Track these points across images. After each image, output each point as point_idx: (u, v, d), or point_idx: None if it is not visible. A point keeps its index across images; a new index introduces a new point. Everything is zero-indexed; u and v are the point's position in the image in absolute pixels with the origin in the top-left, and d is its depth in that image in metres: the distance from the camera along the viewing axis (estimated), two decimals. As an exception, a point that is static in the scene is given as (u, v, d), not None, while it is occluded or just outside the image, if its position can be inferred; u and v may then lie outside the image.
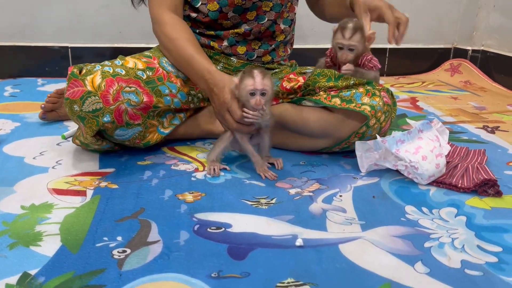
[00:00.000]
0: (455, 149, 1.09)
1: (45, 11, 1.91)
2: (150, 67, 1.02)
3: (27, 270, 0.62)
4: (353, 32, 0.99)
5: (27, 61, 1.94)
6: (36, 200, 0.82)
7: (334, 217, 0.80)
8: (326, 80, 1.01)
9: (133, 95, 0.96)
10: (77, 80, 0.93)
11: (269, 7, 1.13)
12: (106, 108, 0.92)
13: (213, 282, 0.61)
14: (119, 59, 1.02)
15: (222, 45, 1.14)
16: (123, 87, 0.94)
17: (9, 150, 1.07)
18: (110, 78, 0.94)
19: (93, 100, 0.91)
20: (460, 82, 2.04)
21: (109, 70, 0.95)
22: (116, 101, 0.93)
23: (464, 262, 0.67)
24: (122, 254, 0.66)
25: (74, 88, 0.92)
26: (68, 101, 0.92)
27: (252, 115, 0.90)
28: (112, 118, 0.93)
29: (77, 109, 0.91)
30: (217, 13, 1.09)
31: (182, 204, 0.83)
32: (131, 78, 0.96)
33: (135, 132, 1.00)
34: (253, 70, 0.89)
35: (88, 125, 0.93)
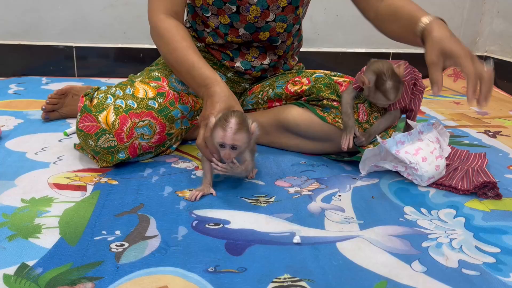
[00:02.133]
0: (456, 152, 1.09)
1: (50, 11, 1.92)
2: (161, 93, 1.00)
3: (25, 261, 0.62)
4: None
5: (32, 59, 1.96)
6: (36, 194, 0.83)
7: (333, 216, 0.80)
8: (330, 92, 1.02)
9: (147, 128, 0.96)
10: (90, 115, 0.92)
11: (283, 28, 1.09)
12: (120, 146, 0.93)
13: (210, 276, 0.61)
14: (129, 85, 1.00)
15: (235, 66, 1.13)
16: (136, 122, 0.94)
17: (12, 146, 1.08)
18: (123, 115, 0.93)
19: (108, 138, 0.92)
20: (463, 88, 2.04)
21: (121, 104, 0.94)
22: (130, 138, 0.94)
23: (462, 262, 0.67)
24: (120, 248, 0.66)
25: (88, 123, 0.92)
26: (82, 134, 0.93)
27: (221, 167, 0.81)
28: (126, 154, 0.95)
29: (92, 144, 0.93)
30: (228, 27, 1.08)
31: (181, 200, 0.83)
32: (143, 111, 0.96)
33: (145, 158, 1.02)
34: (230, 119, 0.79)
35: (103, 159, 0.95)
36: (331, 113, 1.02)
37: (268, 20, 1.07)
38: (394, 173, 0.99)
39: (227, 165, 0.82)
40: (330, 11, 2.05)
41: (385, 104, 0.97)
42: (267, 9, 1.05)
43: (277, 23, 1.08)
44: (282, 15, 1.07)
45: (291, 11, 1.08)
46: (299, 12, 1.10)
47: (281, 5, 1.05)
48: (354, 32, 2.14)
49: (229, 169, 0.82)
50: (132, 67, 1.25)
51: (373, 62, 0.96)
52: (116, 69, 1.98)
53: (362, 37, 2.16)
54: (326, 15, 2.07)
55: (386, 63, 0.95)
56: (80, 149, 1.03)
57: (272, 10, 1.06)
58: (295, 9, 1.08)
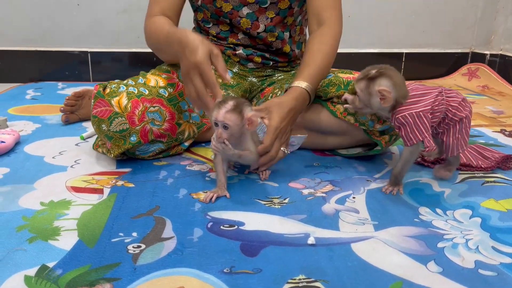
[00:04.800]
0: None
1: (65, 17, 1.96)
2: (171, 83, 1.04)
3: (45, 263, 0.64)
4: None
5: (48, 65, 2.00)
6: (55, 197, 0.84)
7: (347, 217, 0.80)
8: (336, 89, 1.03)
9: (157, 114, 0.99)
10: (104, 100, 0.96)
11: (274, 37, 1.16)
12: (132, 129, 0.96)
13: (225, 277, 0.61)
14: (141, 76, 1.05)
15: (237, 53, 1.18)
16: (148, 107, 0.97)
17: (30, 150, 1.10)
18: (135, 99, 0.97)
19: (120, 121, 0.95)
20: (478, 87, 2.02)
21: (134, 91, 0.99)
22: (141, 121, 0.96)
23: (478, 262, 0.66)
24: (137, 249, 0.67)
25: (102, 108, 0.96)
26: (96, 119, 0.96)
27: (214, 144, 0.84)
28: (138, 138, 0.97)
29: (105, 128, 0.95)
30: (228, 32, 1.16)
31: (196, 202, 0.84)
32: (154, 98, 0.99)
33: (156, 148, 1.02)
34: (228, 101, 0.82)
35: (116, 144, 0.96)
36: (341, 107, 1.03)
37: (259, 31, 1.13)
38: (408, 174, 0.98)
39: (220, 144, 0.83)
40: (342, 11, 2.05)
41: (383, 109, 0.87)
42: (256, 21, 1.12)
43: (267, 33, 1.13)
44: (271, 26, 1.13)
45: (280, 21, 1.13)
46: (287, 21, 1.15)
47: (269, 16, 1.11)
48: (367, 33, 2.13)
49: (221, 149, 0.83)
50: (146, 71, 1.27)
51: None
52: (130, 73, 1.99)
53: (374, 38, 2.15)
54: (338, 16, 2.06)
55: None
56: (98, 148, 1.04)
57: (262, 21, 1.11)
58: (283, 18, 1.13)
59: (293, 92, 0.98)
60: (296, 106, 0.96)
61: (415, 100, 0.86)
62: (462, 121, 0.90)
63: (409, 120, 0.84)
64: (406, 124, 0.84)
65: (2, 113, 1.44)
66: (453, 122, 0.90)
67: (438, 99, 0.87)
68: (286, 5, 1.11)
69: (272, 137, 0.91)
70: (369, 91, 0.85)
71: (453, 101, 0.89)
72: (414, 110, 0.84)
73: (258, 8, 1.10)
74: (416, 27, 2.16)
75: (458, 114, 0.89)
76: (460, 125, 0.90)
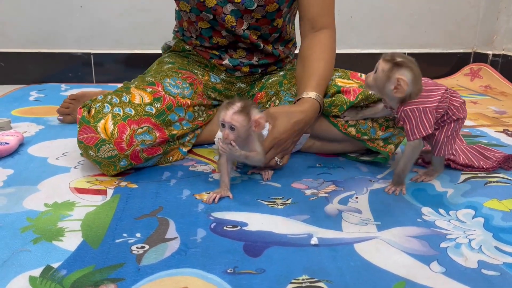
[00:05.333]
0: None
1: (68, 19, 1.97)
2: (157, 98, 0.99)
3: (50, 264, 0.64)
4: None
5: (51, 67, 2.01)
6: (59, 198, 0.85)
7: (350, 217, 0.80)
8: (338, 109, 1.02)
9: (146, 134, 0.95)
10: (89, 126, 0.92)
11: (257, 35, 1.11)
12: (121, 154, 0.92)
13: (229, 277, 0.62)
14: (125, 93, 0.99)
15: (223, 63, 1.15)
16: (135, 130, 0.93)
17: (34, 151, 1.11)
18: (122, 123, 0.92)
19: (108, 148, 0.91)
20: (480, 87, 2.02)
21: (119, 112, 0.93)
22: (130, 146, 0.92)
23: (481, 262, 0.66)
24: (141, 250, 0.68)
25: (88, 134, 0.92)
26: (83, 145, 0.92)
27: (221, 145, 0.84)
28: (128, 162, 0.94)
29: (93, 155, 0.92)
30: (210, 30, 1.10)
31: (200, 203, 0.84)
32: (141, 118, 0.95)
33: (156, 159, 1.01)
34: (236, 102, 0.83)
35: (105, 169, 0.94)
36: (352, 127, 1.03)
37: (243, 28, 1.09)
38: (411, 174, 0.98)
39: (226, 145, 0.83)
40: (344, 12, 2.05)
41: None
42: (241, 18, 1.07)
43: (251, 31, 1.10)
44: (256, 25, 1.09)
45: (266, 23, 1.09)
46: (276, 24, 1.10)
47: (255, 17, 1.07)
48: (368, 33, 2.13)
49: (228, 150, 0.83)
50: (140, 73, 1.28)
51: None
52: (133, 75, 1.99)
53: (376, 38, 2.15)
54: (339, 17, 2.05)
55: None
56: None
57: (246, 19, 1.07)
58: (270, 21, 1.09)
59: (303, 104, 0.96)
60: (304, 119, 0.95)
61: (423, 95, 0.86)
62: (458, 122, 0.91)
63: (416, 114, 0.85)
64: (412, 118, 0.85)
65: (6, 115, 1.44)
66: (450, 120, 0.91)
67: (444, 97, 0.88)
68: (274, 8, 1.06)
69: (268, 144, 0.91)
70: (389, 74, 0.83)
71: (456, 101, 0.91)
72: (421, 105, 0.85)
73: (244, 9, 1.05)
74: (418, 27, 2.16)
75: (457, 114, 0.91)
76: (454, 125, 0.91)
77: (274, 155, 0.94)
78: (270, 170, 0.97)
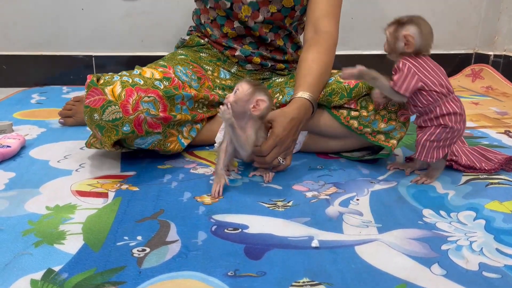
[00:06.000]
0: None
1: (70, 22, 1.97)
2: (167, 77, 1.03)
3: (51, 267, 0.64)
4: None
5: (53, 69, 2.01)
6: (60, 201, 0.85)
7: (351, 220, 0.80)
8: (339, 97, 1.03)
9: (151, 104, 0.96)
10: (97, 88, 0.93)
11: (268, 28, 1.16)
12: (125, 118, 0.92)
13: (230, 280, 0.62)
14: (136, 69, 1.04)
15: (236, 54, 1.19)
16: (142, 96, 0.95)
17: (35, 154, 1.11)
18: (130, 88, 0.94)
19: (113, 110, 0.92)
20: (482, 88, 2.01)
21: (128, 80, 0.96)
22: (135, 110, 0.93)
23: (482, 264, 0.66)
24: (142, 253, 0.68)
25: (95, 97, 0.93)
26: (88, 109, 0.92)
27: (221, 107, 0.87)
28: (131, 128, 0.93)
29: (97, 118, 0.92)
30: (224, 18, 1.16)
31: (201, 206, 0.84)
32: (149, 88, 0.97)
33: (154, 140, 1.00)
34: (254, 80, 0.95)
35: (107, 135, 0.93)
36: (345, 111, 1.04)
37: (257, 21, 1.13)
38: (412, 176, 0.98)
39: (225, 105, 0.87)
40: (345, 13, 2.05)
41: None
42: (257, 11, 1.12)
43: (264, 25, 1.14)
44: (270, 19, 1.14)
45: (279, 19, 1.14)
46: (287, 22, 1.15)
47: (271, 10, 1.12)
48: (369, 34, 2.13)
49: (222, 110, 0.85)
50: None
51: None
52: (134, 77, 2.01)
53: (377, 39, 2.15)
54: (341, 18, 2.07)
55: None
56: (91, 146, 1.03)
57: (262, 13, 1.12)
58: (283, 17, 1.13)
59: (295, 103, 0.98)
60: (298, 116, 0.97)
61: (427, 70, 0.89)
62: (446, 130, 0.90)
63: (405, 70, 0.89)
64: (402, 71, 0.89)
65: (8, 118, 1.45)
66: (437, 124, 0.90)
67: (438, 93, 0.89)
68: (290, 5, 1.11)
69: (271, 143, 0.92)
70: (396, 35, 0.90)
71: (451, 106, 0.90)
72: (414, 68, 0.89)
73: (262, 0, 1.11)
74: (419, 28, 2.16)
75: (444, 119, 0.90)
76: (440, 132, 0.90)
77: (277, 154, 0.95)
78: (271, 172, 0.98)
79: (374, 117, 1.01)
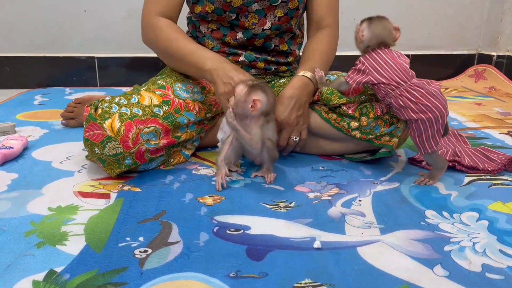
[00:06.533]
0: None
1: (72, 23, 1.98)
2: (166, 100, 1.01)
3: (53, 268, 0.64)
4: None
5: (56, 71, 2.02)
6: (62, 202, 0.85)
7: (353, 220, 0.80)
8: (338, 97, 1.05)
9: (152, 134, 0.96)
10: (95, 123, 0.93)
11: (275, 34, 1.15)
12: (126, 152, 0.93)
13: (231, 281, 0.62)
14: (134, 94, 1.01)
15: (240, 60, 1.16)
16: (142, 129, 0.94)
17: (38, 155, 1.11)
18: (128, 121, 0.93)
19: (113, 145, 0.92)
20: (485, 88, 2.01)
21: (126, 112, 0.95)
22: (135, 144, 0.93)
23: (485, 266, 0.66)
24: (144, 254, 0.68)
25: (94, 131, 0.92)
26: (89, 143, 0.93)
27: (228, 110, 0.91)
28: (133, 160, 0.94)
29: (98, 152, 0.92)
30: (228, 29, 1.13)
31: (202, 207, 0.84)
32: (148, 118, 0.96)
33: (158, 162, 1.01)
34: (254, 80, 0.93)
35: (109, 167, 0.94)
36: (335, 113, 1.06)
37: (265, 28, 1.12)
38: (415, 177, 0.98)
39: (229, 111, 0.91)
40: (347, 15, 2.05)
41: None
42: (264, 17, 1.11)
43: (272, 31, 1.13)
44: (278, 25, 1.12)
45: (286, 21, 1.13)
46: (293, 22, 1.15)
47: (277, 15, 1.11)
48: (372, 35, 2.13)
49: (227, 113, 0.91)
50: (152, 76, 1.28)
51: None
52: (136, 78, 2.02)
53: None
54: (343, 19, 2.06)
55: None
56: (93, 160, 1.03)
57: (269, 19, 1.11)
58: (289, 19, 1.13)
59: (291, 82, 1.03)
60: (295, 94, 1.00)
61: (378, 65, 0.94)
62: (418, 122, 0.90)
63: (358, 65, 0.97)
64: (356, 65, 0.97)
65: (11, 119, 1.45)
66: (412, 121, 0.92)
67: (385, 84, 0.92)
68: (295, 5, 1.11)
69: (277, 128, 0.97)
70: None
71: (403, 99, 0.91)
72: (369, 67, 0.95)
73: (268, 6, 1.10)
74: (422, 29, 2.16)
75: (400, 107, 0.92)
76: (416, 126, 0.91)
77: (289, 134, 1.01)
78: (273, 173, 0.98)
79: (376, 123, 1.01)
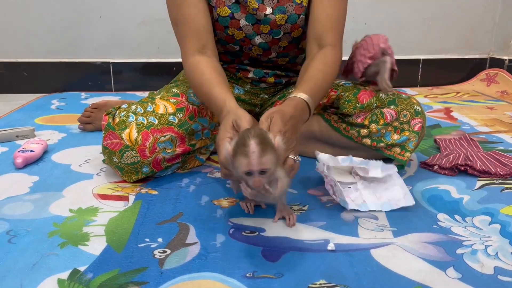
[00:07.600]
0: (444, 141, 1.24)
1: (88, 29, 2.02)
2: (180, 108, 1.02)
3: (76, 267, 0.67)
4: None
5: (72, 76, 2.06)
6: (83, 204, 0.88)
7: (366, 223, 0.81)
8: (352, 107, 1.05)
9: (168, 142, 0.98)
10: (114, 132, 0.96)
11: (285, 61, 1.14)
12: (144, 161, 0.96)
13: (248, 281, 0.64)
14: (149, 103, 1.02)
15: (249, 76, 1.16)
16: (158, 138, 0.97)
17: (57, 159, 1.15)
18: (145, 131, 0.96)
19: (131, 154, 0.95)
20: (497, 92, 2.01)
21: (143, 121, 0.98)
22: (153, 153, 0.96)
23: (498, 268, 0.67)
24: (163, 254, 0.70)
25: (112, 140, 0.96)
26: (107, 151, 0.97)
27: (250, 194, 0.72)
28: (150, 168, 0.98)
29: (116, 160, 0.96)
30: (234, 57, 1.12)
31: (218, 209, 0.86)
32: (164, 127, 0.98)
33: (174, 168, 1.04)
34: (248, 142, 0.68)
35: (127, 175, 0.97)
36: (345, 123, 1.06)
37: (271, 57, 1.11)
38: (426, 180, 0.99)
39: (259, 192, 0.72)
40: (358, 19, 2.07)
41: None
42: (268, 50, 1.09)
43: (279, 58, 1.12)
44: (284, 53, 1.11)
45: (293, 48, 1.11)
46: (301, 45, 1.11)
47: (282, 45, 1.08)
48: (383, 40, 2.14)
49: (261, 195, 0.73)
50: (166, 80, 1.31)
51: None
52: (150, 83, 2.05)
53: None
54: (354, 24, 2.08)
55: None
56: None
57: (274, 50, 1.09)
58: (296, 45, 1.10)
59: (291, 101, 0.90)
60: (295, 114, 0.87)
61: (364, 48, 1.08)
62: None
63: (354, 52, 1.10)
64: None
65: (30, 123, 1.49)
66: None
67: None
68: (299, 33, 1.07)
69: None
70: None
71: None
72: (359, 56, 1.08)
73: (271, 39, 1.07)
74: (433, 33, 2.16)
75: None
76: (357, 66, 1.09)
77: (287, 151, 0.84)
78: (294, 213, 0.83)
79: (386, 129, 1.02)
